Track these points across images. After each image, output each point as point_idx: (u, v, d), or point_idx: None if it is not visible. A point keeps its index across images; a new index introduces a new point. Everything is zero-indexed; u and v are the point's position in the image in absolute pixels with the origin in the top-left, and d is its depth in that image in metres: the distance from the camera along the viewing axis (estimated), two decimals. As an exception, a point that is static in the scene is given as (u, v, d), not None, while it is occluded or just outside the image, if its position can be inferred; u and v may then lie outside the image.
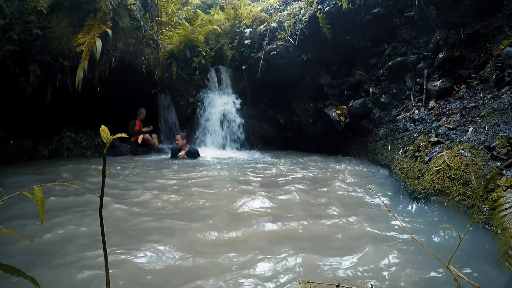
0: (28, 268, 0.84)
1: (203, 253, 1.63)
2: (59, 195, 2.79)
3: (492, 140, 2.43)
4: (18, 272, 0.68)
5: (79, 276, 1.37)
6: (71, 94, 5.33)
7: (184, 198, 2.76)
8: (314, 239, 1.80)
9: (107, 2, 5.19)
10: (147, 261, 1.52)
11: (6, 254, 1.58)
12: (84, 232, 1.90)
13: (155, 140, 7.03)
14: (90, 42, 5.16)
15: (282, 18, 6.86)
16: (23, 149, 5.46)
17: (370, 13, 5.55)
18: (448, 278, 1.06)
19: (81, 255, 1.56)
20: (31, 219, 2.14)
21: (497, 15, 4.23)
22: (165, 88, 7.34)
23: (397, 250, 1.57)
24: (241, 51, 7.53)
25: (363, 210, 2.36)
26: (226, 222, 2.12)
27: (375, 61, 5.73)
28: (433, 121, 3.81)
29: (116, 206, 2.45)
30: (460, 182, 2.25)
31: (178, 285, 1.33)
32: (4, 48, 4.65)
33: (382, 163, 4.47)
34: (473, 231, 1.61)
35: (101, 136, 0.81)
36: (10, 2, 4.76)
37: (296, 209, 2.41)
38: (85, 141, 6.12)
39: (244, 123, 7.44)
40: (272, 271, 1.41)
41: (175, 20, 7.72)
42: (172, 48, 7.31)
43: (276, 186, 3.25)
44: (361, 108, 5.50)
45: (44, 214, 0.80)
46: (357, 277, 1.30)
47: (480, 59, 4.23)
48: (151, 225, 2.08)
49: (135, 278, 1.39)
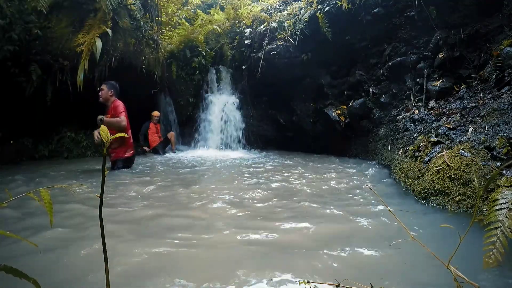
0: (30, 270, 0.84)
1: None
2: (59, 195, 2.79)
3: (492, 140, 2.43)
4: (21, 274, 0.69)
5: (79, 276, 1.37)
6: (71, 94, 5.33)
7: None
8: (313, 239, 1.80)
9: (107, 2, 5.20)
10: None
11: (7, 254, 1.58)
12: (85, 232, 1.91)
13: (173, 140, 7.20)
14: (90, 42, 5.16)
15: (282, 18, 6.87)
16: (23, 149, 5.46)
17: (370, 13, 5.55)
18: (448, 278, 1.06)
19: (82, 255, 1.56)
20: (34, 218, 2.15)
21: (497, 15, 4.23)
22: (165, 88, 7.35)
23: (397, 250, 1.57)
24: (241, 51, 7.54)
25: (363, 209, 2.36)
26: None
27: (375, 61, 5.74)
28: (433, 121, 3.81)
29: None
30: (460, 182, 2.25)
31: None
32: (4, 48, 4.65)
33: (382, 163, 4.47)
34: (473, 231, 1.62)
35: (101, 136, 0.81)
36: (10, 2, 4.76)
37: (295, 210, 2.42)
38: (85, 141, 6.13)
39: (244, 123, 7.44)
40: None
41: (175, 20, 7.73)
42: (172, 48, 7.31)
43: (276, 186, 3.25)
44: (361, 108, 5.51)
45: (53, 216, 0.80)
46: (357, 277, 1.31)
47: (480, 59, 4.24)
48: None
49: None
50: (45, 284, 0.90)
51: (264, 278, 1.32)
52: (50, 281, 1.32)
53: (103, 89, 4.24)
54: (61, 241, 1.75)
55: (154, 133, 7.07)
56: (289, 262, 1.48)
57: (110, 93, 4.26)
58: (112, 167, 4.29)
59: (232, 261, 1.50)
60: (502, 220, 1.13)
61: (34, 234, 1.84)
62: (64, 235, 1.84)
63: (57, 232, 1.87)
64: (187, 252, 1.60)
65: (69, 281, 1.34)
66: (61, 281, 1.34)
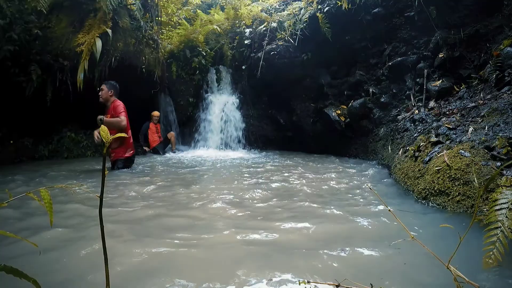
0: (30, 270, 0.84)
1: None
2: (59, 195, 2.79)
3: (492, 140, 2.44)
4: (21, 274, 0.69)
5: (79, 276, 1.37)
6: (71, 94, 5.33)
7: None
8: (313, 239, 1.80)
9: (107, 2, 5.20)
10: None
11: (7, 254, 1.58)
12: (85, 232, 1.91)
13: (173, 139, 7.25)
14: (90, 42, 5.16)
15: (282, 18, 6.87)
16: (23, 149, 5.46)
17: (370, 13, 5.55)
18: (448, 278, 1.06)
19: (82, 255, 1.56)
20: (34, 218, 2.15)
21: (497, 15, 4.23)
22: (165, 88, 7.34)
23: (397, 250, 1.57)
24: (241, 51, 7.54)
25: (363, 209, 2.36)
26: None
27: (375, 61, 5.74)
28: (433, 121, 3.81)
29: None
30: (460, 182, 2.25)
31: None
32: (4, 48, 4.65)
33: (382, 163, 4.47)
34: (473, 231, 1.62)
35: (101, 136, 0.81)
36: (10, 2, 4.76)
37: (294, 210, 2.42)
38: (85, 141, 6.13)
39: (244, 123, 7.45)
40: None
41: (175, 20, 7.73)
42: (172, 48, 7.31)
43: (276, 186, 3.25)
44: (361, 108, 5.51)
45: (53, 216, 0.80)
46: (357, 277, 1.31)
47: (480, 59, 4.24)
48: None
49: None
50: (45, 284, 0.90)
51: (264, 278, 1.32)
52: (50, 281, 1.32)
53: (103, 89, 4.24)
54: (61, 241, 1.75)
55: (154, 133, 7.09)
56: (289, 262, 1.48)
57: (110, 93, 4.26)
58: (112, 167, 4.29)
59: (232, 261, 1.50)
60: (502, 220, 1.14)
61: (34, 234, 1.84)
62: (64, 235, 1.84)
63: (57, 232, 1.87)
64: (187, 252, 1.60)
65: (69, 281, 1.34)
66: (61, 281, 1.34)
